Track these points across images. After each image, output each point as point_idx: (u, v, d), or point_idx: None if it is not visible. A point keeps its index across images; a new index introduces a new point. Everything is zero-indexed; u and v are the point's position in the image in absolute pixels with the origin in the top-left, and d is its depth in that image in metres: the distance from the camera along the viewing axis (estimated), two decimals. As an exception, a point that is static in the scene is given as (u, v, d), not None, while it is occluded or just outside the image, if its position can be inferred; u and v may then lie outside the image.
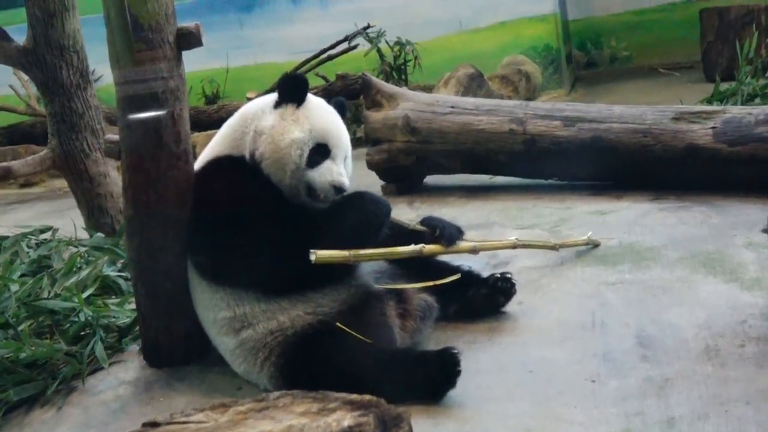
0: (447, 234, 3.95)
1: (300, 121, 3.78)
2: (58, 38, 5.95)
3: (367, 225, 3.65)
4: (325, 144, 3.80)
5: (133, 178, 3.92)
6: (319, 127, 3.80)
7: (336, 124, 3.91)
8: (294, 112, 3.80)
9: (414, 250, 3.80)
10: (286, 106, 3.82)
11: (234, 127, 3.94)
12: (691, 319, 3.85)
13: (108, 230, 5.91)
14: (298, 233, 3.61)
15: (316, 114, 3.84)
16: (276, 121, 3.78)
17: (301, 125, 3.77)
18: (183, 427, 2.31)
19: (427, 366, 3.45)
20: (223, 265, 3.73)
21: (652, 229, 5.11)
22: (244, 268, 3.67)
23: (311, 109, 3.84)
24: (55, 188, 10.14)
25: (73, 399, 3.94)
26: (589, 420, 3.16)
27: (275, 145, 3.75)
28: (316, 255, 3.47)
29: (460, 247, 4.03)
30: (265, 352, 3.68)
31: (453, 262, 4.19)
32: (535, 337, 3.91)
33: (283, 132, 3.75)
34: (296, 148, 3.74)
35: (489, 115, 6.58)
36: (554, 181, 6.49)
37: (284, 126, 3.77)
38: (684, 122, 5.87)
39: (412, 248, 3.80)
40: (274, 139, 3.75)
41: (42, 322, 4.41)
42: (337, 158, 3.83)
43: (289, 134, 3.74)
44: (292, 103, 3.82)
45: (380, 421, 2.19)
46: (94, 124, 6.10)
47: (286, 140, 3.74)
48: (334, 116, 3.95)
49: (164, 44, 3.83)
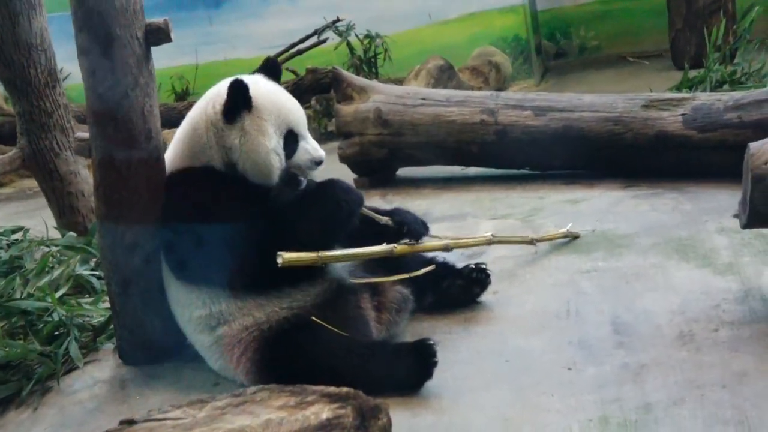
0: (412, 230, 3.92)
1: (262, 128, 3.75)
2: (25, 37, 5.89)
3: (338, 213, 3.65)
4: (290, 130, 3.82)
5: (105, 176, 3.89)
6: (278, 121, 3.78)
7: (284, 102, 3.87)
8: (252, 121, 3.75)
9: (385, 250, 3.76)
10: (241, 117, 3.76)
11: (189, 141, 3.88)
12: (665, 305, 3.87)
13: (80, 229, 5.87)
14: (270, 231, 3.60)
15: (269, 108, 3.79)
16: (242, 137, 3.74)
17: (265, 132, 3.74)
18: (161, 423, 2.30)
19: (404, 357, 3.46)
20: (198, 265, 3.72)
21: (624, 217, 5.13)
22: (218, 268, 3.65)
23: (262, 106, 3.78)
24: (25, 188, 10.06)
25: (48, 399, 3.92)
26: (566, 407, 3.17)
27: (253, 160, 3.73)
28: (283, 258, 3.45)
29: (433, 245, 4.01)
30: (241, 347, 3.67)
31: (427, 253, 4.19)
32: (511, 327, 3.92)
33: (256, 145, 3.73)
34: (274, 156, 3.74)
35: (460, 107, 6.58)
36: (526, 171, 6.50)
37: (252, 140, 3.73)
38: (654, 110, 5.90)
39: (383, 248, 3.76)
40: (250, 155, 3.73)
41: (15, 322, 4.38)
42: (304, 134, 3.88)
43: (262, 147, 3.72)
44: (244, 110, 3.76)
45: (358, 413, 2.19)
46: (64, 123, 6.05)
47: (262, 153, 3.73)
48: (281, 95, 3.90)
49: (133, 40, 3.80)
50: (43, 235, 5.79)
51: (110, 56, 3.77)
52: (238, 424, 2.22)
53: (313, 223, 3.61)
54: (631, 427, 2.98)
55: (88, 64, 3.83)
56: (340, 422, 2.15)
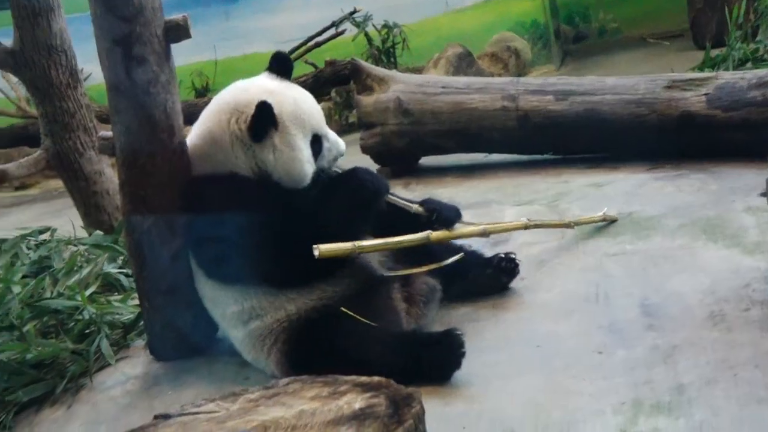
0: (444, 218, 3.92)
1: (292, 143, 3.76)
2: (45, 38, 5.92)
3: (363, 191, 3.66)
4: (314, 134, 3.85)
5: (129, 174, 3.91)
6: (305, 131, 3.81)
7: (305, 109, 3.88)
8: (281, 137, 3.76)
9: (421, 237, 3.75)
10: (270, 135, 3.75)
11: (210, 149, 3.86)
12: (694, 286, 3.85)
13: (106, 228, 5.89)
14: (299, 225, 3.62)
15: (294, 121, 3.80)
16: (275, 153, 3.75)
17: (296, 147, 3.77)
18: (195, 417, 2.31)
19: (432, 348, 3.46)
20: (228, 264, 3.74)
21: (650, 199, 5.11)
22: (248, 266, 3.67)
23: (288, 121, 3.78)
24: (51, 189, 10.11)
25: (82, 396, 3.94)
26: (598, 391, 3.16)
27: (288, 172, 3.76)
28: (320, 250, 3.45)
29: (469, 231, 4.02)
30: (272, 338, 3.70)
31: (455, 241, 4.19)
32: (540, 312, 3.91)
33: (290, 160, 3.76)
34: (308, 165, 3.79)
35: (481, 93, 6.56)
36: (549, 156, 6.49)
37: (286, 155, 3.75)
38: (677, 90, 5.86)
39: (418, 236, 3.75)
40: (286, 168, 3.76)
41: (46, 322, 4.41)
42: (326, 133, 3.91)
43: (297, 161, 3.76)
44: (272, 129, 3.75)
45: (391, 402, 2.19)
46: (87, 123, 6.08)
47: (297, 166, 3.76)
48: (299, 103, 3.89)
49: (152, 38, 3.81)
50: (71, 235, 5.82)
51: (130, 54, 3.78)
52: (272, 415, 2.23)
53: (341, 207, 3.64)
54: (665, 409, 2.97)
55: (109, 63, 3.85)
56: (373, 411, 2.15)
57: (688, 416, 2.91)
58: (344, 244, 3.51)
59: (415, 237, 3.74)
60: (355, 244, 3.53)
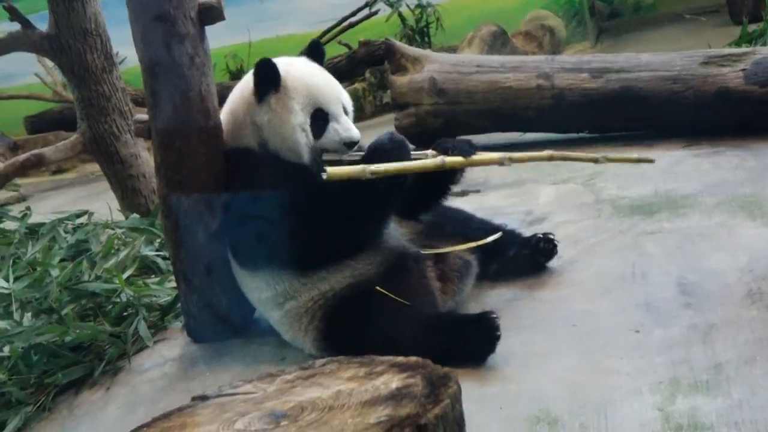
0: (459, 148, 3.83)
1: (288, 105, 3.76)
2: (80, 22, 5.95)
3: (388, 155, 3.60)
4: (319, 108, 3.79)
5: (165, 157, 3.93)
6: (305, 99, 3.78)
7: (318, 82, 3.87)
8: (278, 99, 3.77)
9: (435, 163, 3.66)
10: (269, 96, 3.78)
11: (229, 120, 3.95)
12: (732, 264, 3.82)
13: (143, 210, 5.93)
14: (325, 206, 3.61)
15: (297, 87, 3.79)
16: (269, 115, 3.77)
17: (291, 109, 3.75)
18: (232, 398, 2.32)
19: (467, 331, 3.46)
20: (259, 251, 3.76)
21: (687, 177, 5.07)
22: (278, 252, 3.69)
23: (291, 85, 3.79)
24: (88, 173, 10.19)
25: (120, 379, 3.98)
26: (635, 370, 3.15)
27: (281, 137, 3.75)
28: (329, 172, 3.39)
29: (487, 158, 3.88)
30: (308, 317, 3.72)
31: (493, 220, 4.17)
32: (577, 291, 3.89)
33: (282, 123, 3.75)
34: (300, 132, 3.74)
35: (515, 72, 6.53)
36: (585, 134, 6.44)
37: (279, 117, 3.76)
38: (714, 66, 5.81)
39: (432, 161, 3.68)
40: (277, 132, 3.76)
41: (84, 305, 4.45)
42: (335, 114, 3.82)
43: (288, 124, 3.74)
44: (271, 90, 3.78)
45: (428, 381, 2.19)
46: (122, 106, 6.12)
47: (288, 130, 3.74)
48: (313, 74, 3.90)
49: (187, 20, 3.82)
50: (108, 218, 5.86)
51: (165, 37, 3.80)
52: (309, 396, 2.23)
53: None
54: (703, 388, 2.96)
55: (144, 46, 3.86)
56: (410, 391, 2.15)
57: (726, 395, 2.90)
58: (354, 167, 3.46)
59: (431, 162, 3.67)
60: (365, 167, 3.45)
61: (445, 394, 2.14)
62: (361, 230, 3.68)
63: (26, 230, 5.65)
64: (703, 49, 6.37)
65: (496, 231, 3.94)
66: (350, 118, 3.90)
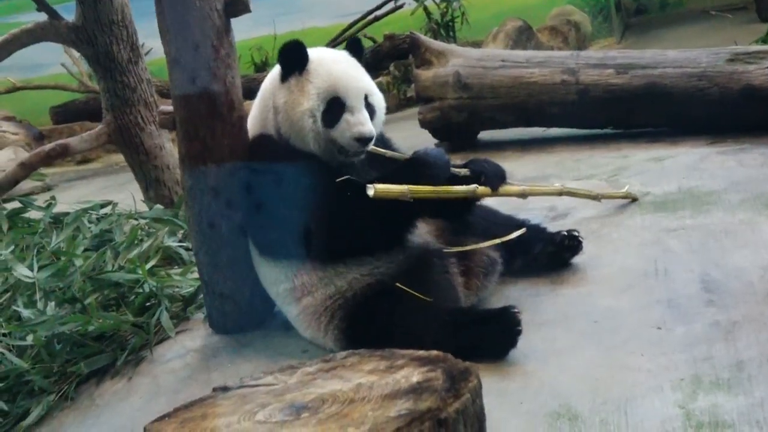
0: (490, 181, 3.85)
1: (305, 88, 3.75)
2: (107, 13, 5.98)
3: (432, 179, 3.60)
4: (336, 97, 3.76)
5: (190, 148, 3.94)
6: (324, 85, 3.76)
7: (343, 71, 3.84)
8: (298, 82, 3.78)
9: (467, 190, 3.72)
10: (291, 78, 3.80)
11: (258, 105, 3.97)
12: (755, 261, 3.80)
13: (166, 202, 5.96)
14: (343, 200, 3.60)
15: (319, 72, 3.79)
16: (286, 96, 3.78)
17: (306, 93, 3.74)
18: (254, 390, 2.33)
19: (488, 326, 3.45)
20: (276, 240, 3.78)
21: (711, 174, 5.05)
22: (296, 241, 3.70)
23: (314, 70, 3.79)
24: (112, 163, 10.24)
25: (142, 369, 4.00)
26: (656, 367, 3.14)
27: (290, 120, 3.76)
28: (375, 189, 3.41)
29: (510, 190, 3.98)
30: (327, 315, 3.72)
31: (518, 215, 4.19)
32: (599, 287, 3.89)
33: (294, 105, 3.75)
34: (308, 117, 3.72)
35: (540, 67, 6.53)
36: (609, 130, 6.44)
37: (293, 99, 3.76)
38: (740, 63, 5.79)
39: (465, 188, 3.72)
40: (288, 114, 3.76)
41: (107, 295, 4.47)
42: (353, 107, 3.77)
43: (299, 106, 3.74)
44: (295, 71, 3.79)
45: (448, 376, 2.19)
46: (147, 97, 6.14)
47: (297, 113, 3.74)
48: (341, 64, 3.89)
49: (212, 12, 3.83)
50: (131, 209, 5.89)
51: (191, 29, 3.82)
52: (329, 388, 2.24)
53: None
54: (724, 386, 2.95)
55: (170, 38, 3.88)
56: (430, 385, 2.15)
57: (747, 393, 2.89)
58: (398, 186, 3.47)
59: (463, 189, 3.71)
60: (408, 188, 3.47)
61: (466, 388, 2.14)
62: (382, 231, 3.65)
63: (51, 220, 5.68)
64: (729, 46, 6.35)
65: (520, 227, 3.93)
66: (377, 119, 3.89)
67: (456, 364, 2.27)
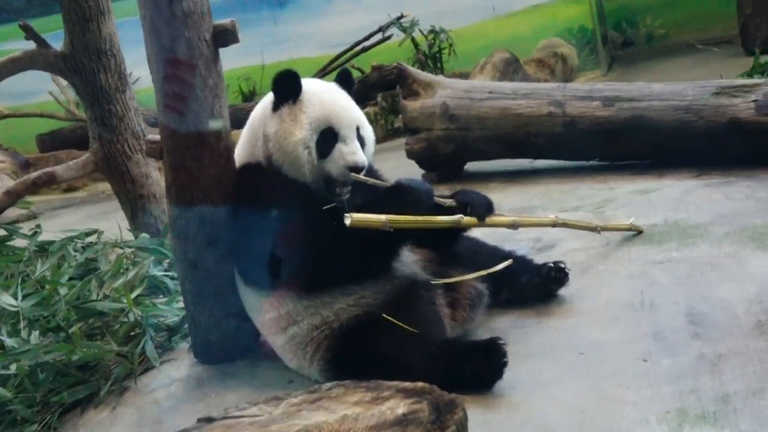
0: (476, 211, 3.85)
1: (298, 118, 3.76)
2: (95, 42, 5.98)
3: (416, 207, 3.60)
4: (329, 128, 3.78)
5: (176, 178, 3.94)
6: (317, 115, 3.77)
7: (336, 102, 3.86)
8: (291, 111, 3.79)
9: (452, 220, 3.72)
10: (283, 107, 3.81)
11: (247, 133, 3.98)
12: (741, 295, 3.80)
13: (152, 231, 5.94)
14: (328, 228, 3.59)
15: (313, 102, 3.80)
16: (278, 125, 3.79)
17: (299, 122, 3.75)
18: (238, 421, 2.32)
19: (474, 357, 3.44)
20: (261, 269, 3.75)
21: (697, 206, 5.06)
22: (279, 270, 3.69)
23: (307, 100, 3.81)
24: (98, 191, 10.22)
25: (126, 399, 3.97)
26: (642, 400, 3.14)
27: (283, 150, 3.76)
28: (352, 218, 3.41)
29: (499, 221, 3.98)
30: (313, 346, 3.71)
31: (503, 247, 4.18)
32: (585, 319, 3.88)
33: (286, 135, 3.75)
34: (303, 148, 3.73)
35: (527, 99, 6.55)
36: (595, 162, 6.45)
37: (285, 128, 3.77)
38: (725, 96, 5.81)
39: (450, 218, 3.72)
40: (281, 144, 3.76)
41: (92, 324, 4.46)
42: (346, 138, 3.80)
43: (292, 136, 3.74)
44: (288, 101, 3.81)
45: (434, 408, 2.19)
46: (135, 126, 6.15)
47: (290, 144, 3.74)
48: (333, 95, 3.91)
49: (201, 42, 3.84)
50: (117, 238, 5.88)
51: (179, 58, 3.82)
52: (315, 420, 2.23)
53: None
54: (710, 419, 2.94)
55: (158, 67, 3.88)
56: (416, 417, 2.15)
57: (733, 426, 2.88)
58: (377, 216, 3.46)
59: (447, 219, 3.71)
60: (387, 217, 3.46)
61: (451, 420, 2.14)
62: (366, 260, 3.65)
63: (36, 248, 5.65)
64: (715, 80, 6.37)
65: (506, 258, 3.92)
66: (367, 150, 3.90)
67: (442, 396, 2.27)
